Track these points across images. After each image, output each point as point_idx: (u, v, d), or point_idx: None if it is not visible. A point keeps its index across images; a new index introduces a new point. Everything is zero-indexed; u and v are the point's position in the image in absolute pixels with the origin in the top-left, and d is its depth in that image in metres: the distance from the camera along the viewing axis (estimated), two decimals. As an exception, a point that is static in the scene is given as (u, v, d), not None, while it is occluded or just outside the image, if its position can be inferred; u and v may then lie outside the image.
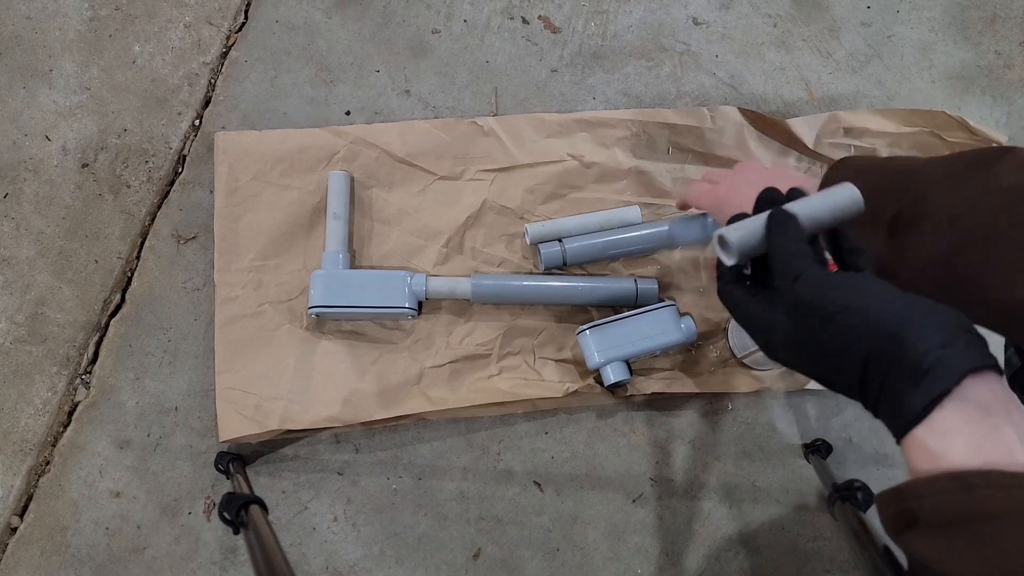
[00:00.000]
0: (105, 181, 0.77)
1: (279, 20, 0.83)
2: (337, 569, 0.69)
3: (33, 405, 0.71)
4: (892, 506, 0.32)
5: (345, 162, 0.77)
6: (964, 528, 0.29)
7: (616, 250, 0.74)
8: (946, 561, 0.29)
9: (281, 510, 0.70)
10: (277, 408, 0.69)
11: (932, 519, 0.30)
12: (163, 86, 0.80)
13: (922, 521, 0.30)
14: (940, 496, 0.29)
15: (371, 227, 0.76)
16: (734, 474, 0.74)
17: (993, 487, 0.28)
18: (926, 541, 0.30)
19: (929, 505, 0.30)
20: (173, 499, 0.70)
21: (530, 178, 0.77)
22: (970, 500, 0.29)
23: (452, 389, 0.72)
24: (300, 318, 0.72)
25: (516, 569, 0.71)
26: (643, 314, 0.70)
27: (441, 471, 0.72)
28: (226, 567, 0.69)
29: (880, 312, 0.32)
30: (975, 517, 0.29)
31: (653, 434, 0.74)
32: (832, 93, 0.85)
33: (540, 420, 0.74)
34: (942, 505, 0.29)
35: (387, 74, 0.82)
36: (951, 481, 0.29)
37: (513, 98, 0.82)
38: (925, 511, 0.30)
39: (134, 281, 0.75)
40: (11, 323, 0.73)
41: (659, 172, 0.78)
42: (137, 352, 0.73)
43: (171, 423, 0.72)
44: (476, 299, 0.72)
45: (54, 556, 0.68)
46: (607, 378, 0.69)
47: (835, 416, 0.76)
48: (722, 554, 0.72)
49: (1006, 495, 0.28)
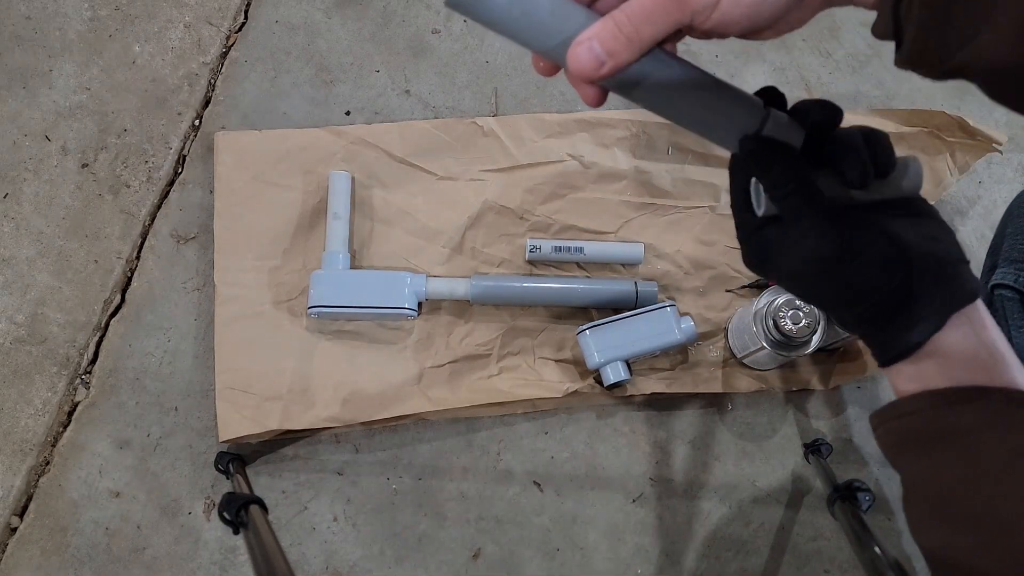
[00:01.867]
0: (105, 181, 0.77)
1: (279, 20, 0.83)
2: (337, 569, 0.70)
3: (33, 405, 0.71)
4: (883, 424, 0.34)
5: (345, 162, 0.77)
6: (948, 441, 0.31)
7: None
8: (935, 476, 0.31)
9: (281, 510, 0.70)
10: (277, 408, 0.69)
11: (919, 435, 0.32)
12: (163, 86, 0.80)
13: (909, 438, 0.32)
14: (924, 412, 0.32)
15: (371, 227, 0.76)
16: (734, 474, 0.74)
17: (971, 402, 0.30)
18: (914, 457, 0.32)
19: (915, 422, 0.32)
20: (173, 499, 0.70)
21: (530, 178, 0.77)
22: (952, 415, 0.31)
23: (452, 389, 0.72)
24: (300, 318, 0.72)
25: (516, 569, 0.71)
26: (643, 314, 0.70)
27: (441, 471, 0.72)
28: (226, 567, 0.69)
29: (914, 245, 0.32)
30: (957, 431, 0.30)
31: (653, 434, 0.74)
32: (832, 93, 0.85)
33: (540, 420, 0.74)
34: (927, 420, 0.31)
35: (387, 74, 0.82)
36: (932, 398, 0.31)
37: (513, 98, 0.82)
38: (911, 428, 0.32)
39: (134, 281, 0.75)
40: (11, 323, 0.73)
41: (659, 172, 0.78)
42: (137, 352, 0.73)
43: (171, 423, 0.72)
44: (475, 300, 0.72)
45: (54, 556, 0.68)
46: (607, 378, 0.69)
47: (835, 416, 0.76)
48: (722, 554, 0.72)
49: (983, 408, 0.30)
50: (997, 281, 0.51)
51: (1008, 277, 0.51)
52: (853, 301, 0.33)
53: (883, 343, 0.33)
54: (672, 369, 0.74)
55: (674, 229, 0.78)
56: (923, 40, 0.28)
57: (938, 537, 0.32)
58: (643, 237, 0.77)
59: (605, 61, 0.30)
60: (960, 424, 0.30)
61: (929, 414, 0.31)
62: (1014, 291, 0.50)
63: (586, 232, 0.77)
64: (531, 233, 0.76)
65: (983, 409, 0.30)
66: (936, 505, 0.32)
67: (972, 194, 0.83)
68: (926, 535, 0.33)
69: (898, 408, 0.33)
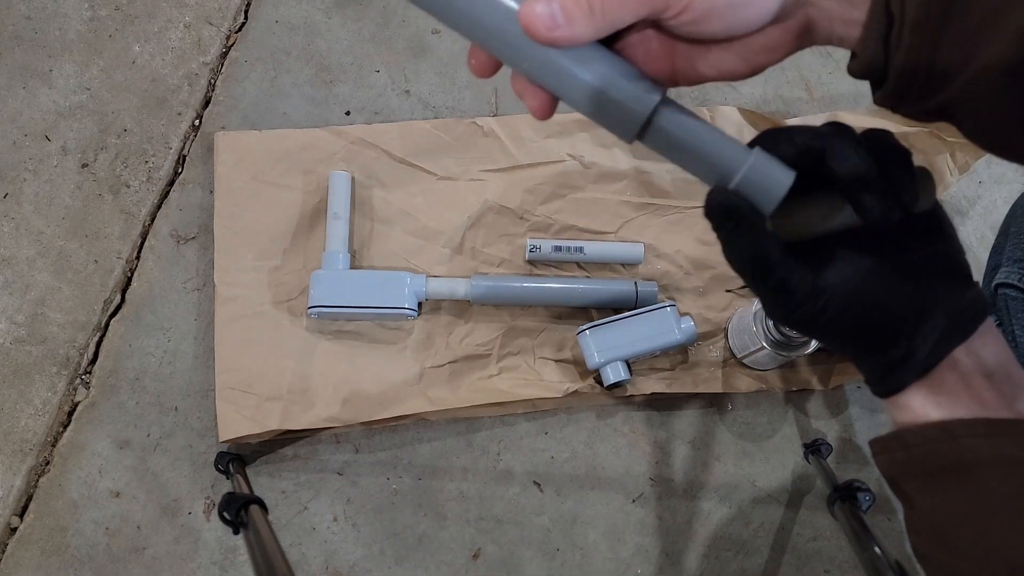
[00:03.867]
0: (105, 181, 0.77)
1: (279, 20, 0.83)
2: (337, 569, 0.70)
3: (33, 405, 0.71)
4: (884, 453, 0.33)
5: (345, 162, 0.77)
6: (952, 475, 0.30)
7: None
8: (940, 508, 0.31)
9: (281, 510, 0.70)
10: (277, 408, 0.69)
11: (921, 467, 0.31)
12: (163, 86, 0.80)
13: (913, 468, 0.32)
14: (928, 445, 0.31)
15: (371, 227, 0.76)
16: (734, 474, 0.74)
17: (977, 436, 0.29)
18: (918, 486, 0.32)
19: (918, 454, 0.31)
20: (173, 499, 0.70)
21: (530, 178, 0.77)
22: (956, 449, 0.30)
23: (452, 389, 0.72)
24: (300, 318, 0.72)
25: (516, 569, 0.71)
26: (643, 314, 0.70)
27: (441, 471, 0.72)
28: (226, 567, 0.69)
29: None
30: (962, 465, 0.30)
31: (653, 434, 0.74)
32: (832, 93, 0.85)
33: (540, 420, 0.74)
34: (930, 454, 0.31)
35: (387, 74, 0.82)
36: (937, 431, 0.30)
37: (513, 98, 0.82)
38: (914, 459, 0.31)
39: (134, 281, 0.75)
40: (11, 323, 0.73)
41: (659, 172, 0.78)
42: (137, 352, 0.73)
43: (171, 423, 0.72)
44: (475, 300, 0.72)
45: (54, 556, 0.68)
46: (607, 378, 0.69)
47: (835, 416, 0.76)
48: (722, 554, 0.72)
49: (988, 443, 0.29)
50: (1001, 280, 0.51)
51: (1012, 276, 0.50)
52: (843, 341, 0.32)
53: (879, 377, 0.32)
54: (672, 369, 0.74)
55: (674, 229, 0.78)
56: (911, 71, 0.27)
57: (944, 564, 0.31)
58: (643, 237, 0.77)
59: (560, 25, 0.27)
60: (968, 458, 0.30)
61: (933, 447, 0.30)
62: (1018, 290, 0.50)
63: (586, 232, 0.77)
64: (531, 233, 0.76)
65: (991, 442, 0.29)
66: (942, 534, 0.31)
67: (972, 194, 0.83)
68: (931, 561, 0.32)
69: (901, 439, 0.32)
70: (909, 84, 0.27)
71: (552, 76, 0.29)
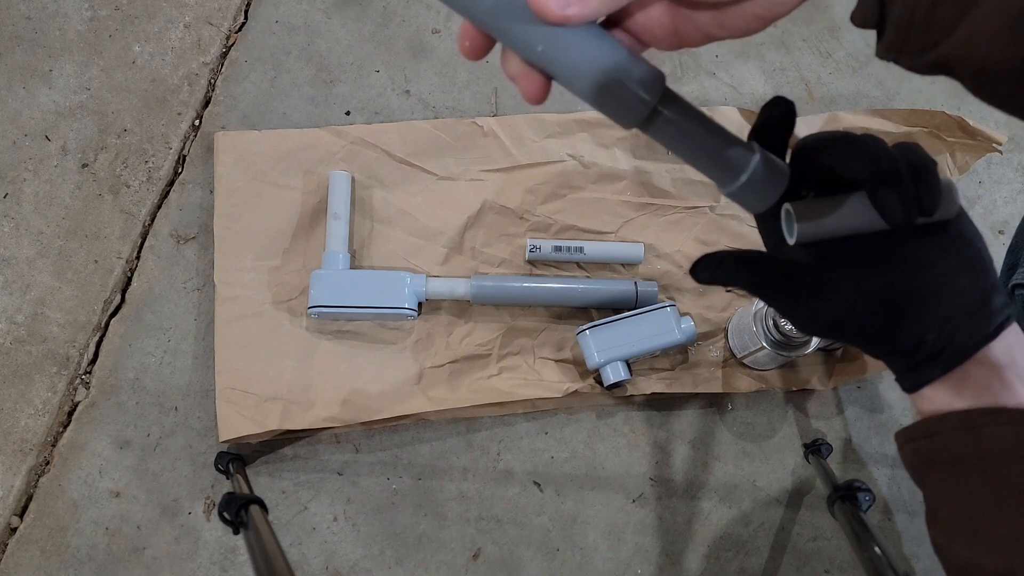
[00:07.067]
0: (105, 181, 0.77)
1: (279, 20, 0.83)
2: (337, 569, 0.70)
3: (33, 405, 0.71)
4: (909, 443, 0.34)
5: (345, 162, 0.77)
6: (973, 464, 0.31)
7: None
8: (962, 497, 0.31)
9: (281, 510, 0.70)
10: (277, 408, 0.69)
11: (945, 455, 0.32)
12: (163, 86, 0.80)
13: (935, 458, 0.32)
14: (952, 433, 0.31)
15: (371, 227, 0.76)
16: (734, 474, 0.74)
17: (999, 425, 0.30)
18: (940, 477, 0.32)
19: (941, 442, 0.32)
20: (173, 499, 0.70)
21: (530, 178, 0.77)
22: (982, 437, 0.30)
23: (452, 389, 0.72)
24: (300, 318, 0.72)
25: (516, 569, 0.71)
26: (643, 314, 0.70)
27: (441, 471, 0.72)
28: (226, 567, 0.69)
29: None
30: (983, 454, 0.30)
31: (653, 434, 0.74)
32: (832, 93, 0.85)
33: (540, 420, 0.74)
34: (953, 442, 0.31)
35: (387, 74, 0.82)
36: (959, 419, 0.31)
37: (513, 98, 0.82)
38: (938, 447, 0.32)
39: (134, 281, 0.75)
40: (11, 323, 0.73)
41: (659, 172, 0.78)
42: (137, 352, 0.73)
43: (171, 423, 0.72)
44: (475, 300, 0.72)
45: (54, 556, 0.68)
46: (607, 378, 0.69)
47: (835, 416, 0.76)
48: (722, 554, 0.72)
49: (1012, 431, 0.30)
50: (1018, 281, 0.51)
51: None
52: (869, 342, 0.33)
53: (908, 372, 0.33)
54: (672, 369, 0.74)
55: (674, 229, 0.78)
56: (907, 22, 0.26)
57: (962, 558, 0.31)
58: (643, 237, 0.77)
59: (572, 2, 0.25)
60: (989, 446, 0.30)
61: (958, 435, 0.31)
62: None
63: (586, 232, 0.77)
64: (531, 233, 0.76)
65: (1015, 430, 0.30)
66: (962, 526, 0.31)
67: (972, 194, 0.83)
68: (949, 554, 0.32)
69: (927, 427, 0.32)
70: (907, 35, 0.27)
71: (556, 58, 0.27)
